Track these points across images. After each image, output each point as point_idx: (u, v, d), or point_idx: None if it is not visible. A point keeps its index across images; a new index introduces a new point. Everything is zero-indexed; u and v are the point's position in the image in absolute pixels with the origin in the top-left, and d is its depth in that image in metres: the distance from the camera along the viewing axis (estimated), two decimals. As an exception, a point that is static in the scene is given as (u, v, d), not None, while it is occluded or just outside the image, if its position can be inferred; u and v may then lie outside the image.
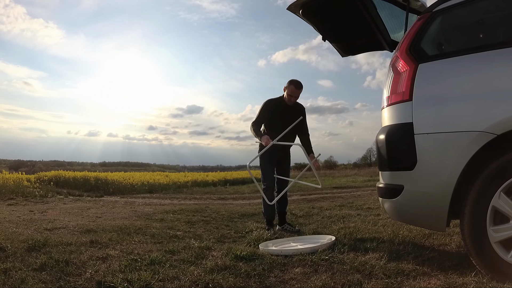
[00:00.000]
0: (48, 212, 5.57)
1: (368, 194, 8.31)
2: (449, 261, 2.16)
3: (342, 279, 1.96)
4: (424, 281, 1.88)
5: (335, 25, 3.21)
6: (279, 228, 3.62)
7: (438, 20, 2.11)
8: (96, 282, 1.94)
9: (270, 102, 3.54)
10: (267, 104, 3.53)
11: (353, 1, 2.71)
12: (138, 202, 7.93)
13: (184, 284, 1.94)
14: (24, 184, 10.04)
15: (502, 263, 1.73)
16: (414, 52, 2.06)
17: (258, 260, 2.37)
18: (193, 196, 10.13)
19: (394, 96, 2.07)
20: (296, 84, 3.45)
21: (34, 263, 2.21)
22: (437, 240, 2.73)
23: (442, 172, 1.84)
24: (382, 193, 2.16)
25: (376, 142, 2.19)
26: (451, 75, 1.94)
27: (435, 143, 1.88)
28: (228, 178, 18.02)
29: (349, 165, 36.78)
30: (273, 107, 3.50)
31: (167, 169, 44.14)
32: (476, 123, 1.76)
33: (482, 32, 2.12)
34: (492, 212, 1.76)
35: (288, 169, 3.78)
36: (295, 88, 3.43)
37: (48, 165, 40.47)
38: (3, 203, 7.12)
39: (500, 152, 1.75)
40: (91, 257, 2.40)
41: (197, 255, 2.53)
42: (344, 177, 18.54)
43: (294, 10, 3.03)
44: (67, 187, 11.89)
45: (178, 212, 5.43)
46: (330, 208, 5.48)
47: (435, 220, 1.91)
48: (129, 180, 13.05)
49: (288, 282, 2.01)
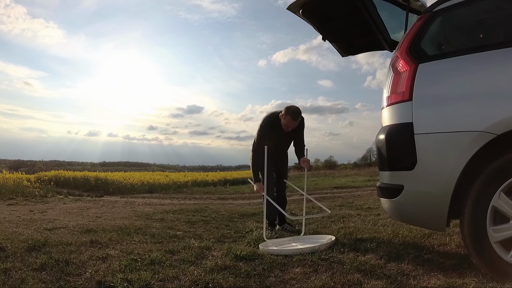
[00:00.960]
0: (48, 212, 5.58)
1: (368, 194, 8.31)
2: (449, 261, 2.16)
3: (342, 279, 1.96)
4: (424, 281, 1.88)
5: (335, 25, 3.21)
6: (279, 228, 3.62)
7: (438, 20, 2.11)
8: (96, 282, 1.94)
9: (267, 125, 3.42)
10: (264, 128, 3.41)
11: (353, 1, 2.71)
12: (138, 202, 7.93)
13: (184, 284, 1.94)
14: (24, 184, 10.04)
15: (502, 263, 1.73)
16: (414, 52, 2.06)
17: (258, 260, 2.37)
18: (193, 196, 10.14)
19: (394, 96, 2.07)
20: (293, 115, 3.25)
21: (34, 263, 2.21)
22: (437, 240, 2.73)
23: (442, 172, 1.84)
24: (382, 193, 2.16)
25: (376, 142, 2.19)
26: (451, 75, 1.94)
27: (435, 143, 1.88)
28: (228, 178, 18.02)
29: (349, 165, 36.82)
30: (269, 130, 3.41)
31: (167, 169, 44.15)
32: (476, 123, 1.76)
33: (482, 32, 2.12)
34: (492, 212, 1.76)
35: (285, 168, 3.80)
36: (291, 119, 3.26)
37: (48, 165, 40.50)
38: (3, 203, 7.12)
39: (500, 152, 1.75)
40: (91, 257, 2.40)
41: (197, 255, 2.53)
42: (344, 177, 18.54)
43: (294, 10, 3.03)
44: (67, 187, 11.89)
45: (178, 212, 5.44)
46: (330, 208, 5.46)
47: (435, 220, 1.91)
48: (129, 180, 13.05)
49: (288, 282, 2.01)
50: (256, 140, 3.44)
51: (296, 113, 3.27)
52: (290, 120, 3.27)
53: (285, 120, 3.30)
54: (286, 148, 3.71)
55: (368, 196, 7.45)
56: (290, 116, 3.26)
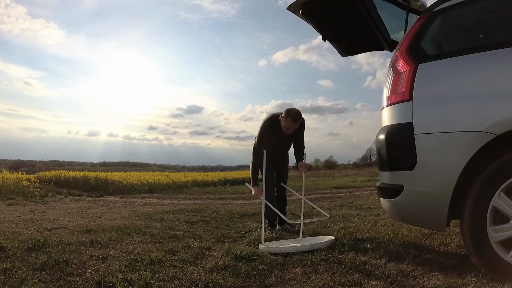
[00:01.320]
0: (48, 212, 5.57)
1: (368, 194, 8.31)
2: (449, 261, 2.16)
3: (342, 279, 1.96)
4: (424, 281, 1.88)
5: (335, 25, 3.21)
6: (279, 228, 3.62)
7: (438, 20, 2.11)
8: (96, 282, 1.94)
9: (267, 128, 3.41)
10: (264, 131, 3.41)
11: (353, 1, 2.71)
12: (138, 202, 7.93)
13: (184, 284, 1.94)
14: (24, 184, 10.04)
15: (502, 263, 1.73)
16: (414, 52, 2.05)
17: (258, 260, 2.37)
18: (193, 196, 10.13)
19: (394, 96, 2.07)
20: (293, 118, 3.24)
21: (34, 263, 2.21)
22: (437, 240, 2.73)
23: (442, 172, 1.84)
24: (382, 193, 2.16)
25: (376, 142, 2.19)
26: (451, 75, 1.94)
27: (435, 143, 1.88)
28: (228, 178, 18.02)
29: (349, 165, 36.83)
30: (270, 132, 3.40)
31: (167, 169, 44.15)
32: (476, 123, 1.76)
33: (482, 32, 2.12)
34: (492, 212, 1.76)
35: (286, 168, 3.80)
36: (291, 122, 3.25)
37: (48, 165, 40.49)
38: (3, 203, 7.12)
39: (500, 152, 1.75)
40: (91, 257, 2.40)
41: (197, 255, 2.53)
42: (344, 177, 18.54)
43: (294, 10, 3.03)
44: (67, 187, 11.88)
45: (178, 212, 5.43)
46: (330, 208, 5.48)
47: (435, 220, 1.91)
48: (129, 180, 13.05)
49: (288, 282, 2.01)
50: (257, 143, 3.44)
51: (296, 116, 3.26)
52: (290, 123, 3.27)
53: (285, 123, 3.29)
54: (286, 149, 3.71)
55: (368, 196, 7.45)
56: (290, 119, 3.25)
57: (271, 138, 3.41)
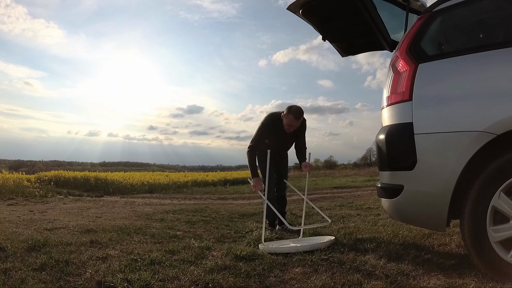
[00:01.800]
0: (48, 212, 5.57)
1: (368, 194, 8.31)
2: (449, 261, 2.16)
3: (342, 279, 1.96)
4: (424, 281, 1.88)
5: (335, 25, 3.21)
6: (279, 228, 3.62)
7: (438, 20, 2.11)
8: (96, 282, 1.94)
9: (268, 124, 3.40)
10: (264, 126, 3.39)
11: (353, 1, 2.71)
12: (138, 202, 7.93)
13: (184, 284, 1.94)
14: (24, 184, 10.03)
15: (502, 263, 1.73)
16: (414, 52, 2.05)
17: (258, 260, 2.37)
18: (193, 196, 10.14)
19: (394, 96, 2.07)
20: (296, 114, 3.23)
21: (34, 263, 2.21)
22: (437, 240, 2.73)
23: (442, 172, 1.84)
24: (382, 193, 2.16)
25: (376, 142, 2.19)
26: (451, 75, 1.94)
27: (435, 143, 1.88)
28: (228, 178, 18.02)
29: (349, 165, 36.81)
30: (270, 129, 3.39)
31: (167, 169, 44.16)
32: (476, 123, 1.76)
33: (482, 32, 2.12)
34: (492, 212, 1.76)
35: (286, 168, 3.80)
36: (294, 118, 3.23)
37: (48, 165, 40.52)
38: (3, 203, 7.12)
39: (500, 152, 1.75)
40: (91, 257, 2.40)
41: (197, 255, 2.53)
42: (344, 177, 18.55)
43: (294, 10, 3.03)
44: (67, 187, 11.87)
45: (178, 212, 5.43)
46: (330, 208, 5.48)
47: (435, 220, 1.91)
48: (129, 180, 13.05)
49: (288, 282, 2.01)
50: (255, 137, 3.42)
51: (298, 112, 3.25)
52: (292, 119, 3.25)
53: (287, 120, 3.28)
54: (287, 149, 3.71)
55: (368, 196, 7.46)
56: (293, 115, 3.24)
57: (272, 136, 3.41)
